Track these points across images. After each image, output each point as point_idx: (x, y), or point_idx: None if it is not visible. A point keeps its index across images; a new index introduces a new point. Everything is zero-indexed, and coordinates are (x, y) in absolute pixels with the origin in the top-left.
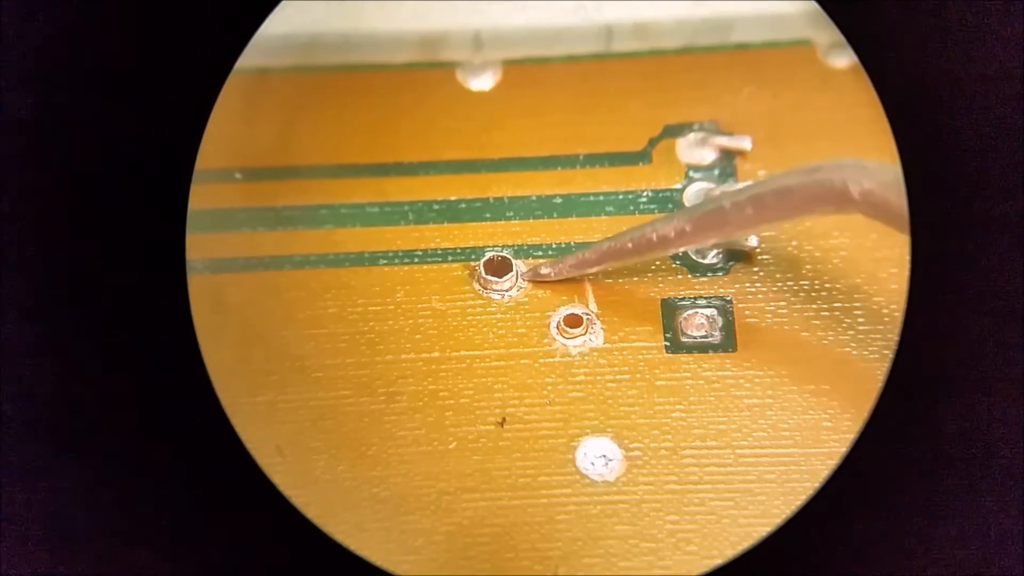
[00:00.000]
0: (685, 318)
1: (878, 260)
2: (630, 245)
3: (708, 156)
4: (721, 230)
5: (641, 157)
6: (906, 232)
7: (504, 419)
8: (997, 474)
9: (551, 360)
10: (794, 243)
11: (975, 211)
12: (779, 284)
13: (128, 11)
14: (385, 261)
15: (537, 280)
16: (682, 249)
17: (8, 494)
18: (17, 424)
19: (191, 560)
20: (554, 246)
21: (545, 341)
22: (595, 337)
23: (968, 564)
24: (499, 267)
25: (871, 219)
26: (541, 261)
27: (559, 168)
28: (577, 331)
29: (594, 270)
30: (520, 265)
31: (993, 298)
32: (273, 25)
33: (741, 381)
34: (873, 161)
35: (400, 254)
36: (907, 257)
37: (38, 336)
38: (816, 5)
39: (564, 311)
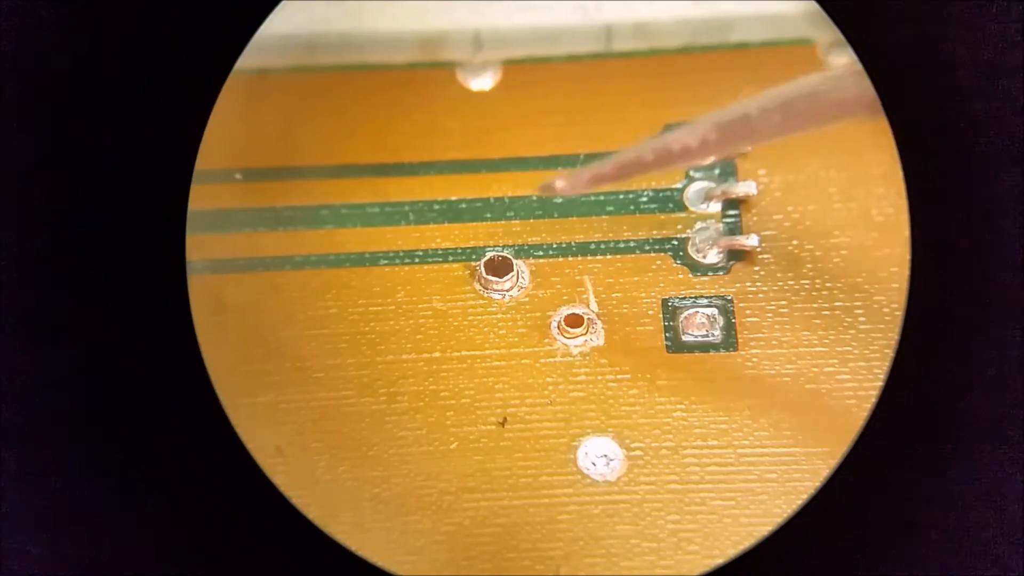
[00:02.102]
0: (686, 317)
1: (878, 259)
2: (651, 157)
3: None
4: (748, 138)
5: None
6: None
7: (505, 419)
8: (999, 474)
9: (552, 360)
10: (794, 242)
11: (975, 209)
12: (779, 284)
13: (128, 11)
14: (386, 261)
15: (550, 194)
16: (703, 161)
17: (8, 494)
18: (17, 424)
19: (191, 560)
20: (555, 246)
21: (546, 341)
22: (596, 337)
23: (970, 565)
24: (499, 267)
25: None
26: (542, 261)
27: (559, 168)
28: (578, 331)
29: (611, 185)
30: (521, 265)
31: (994, 297)
32: (273, 25)
33: (742, 381)
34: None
35: (401, 254)
36: (907, 256)
37: (38, 336)
38: (816, 5)
39: (565, 311)
